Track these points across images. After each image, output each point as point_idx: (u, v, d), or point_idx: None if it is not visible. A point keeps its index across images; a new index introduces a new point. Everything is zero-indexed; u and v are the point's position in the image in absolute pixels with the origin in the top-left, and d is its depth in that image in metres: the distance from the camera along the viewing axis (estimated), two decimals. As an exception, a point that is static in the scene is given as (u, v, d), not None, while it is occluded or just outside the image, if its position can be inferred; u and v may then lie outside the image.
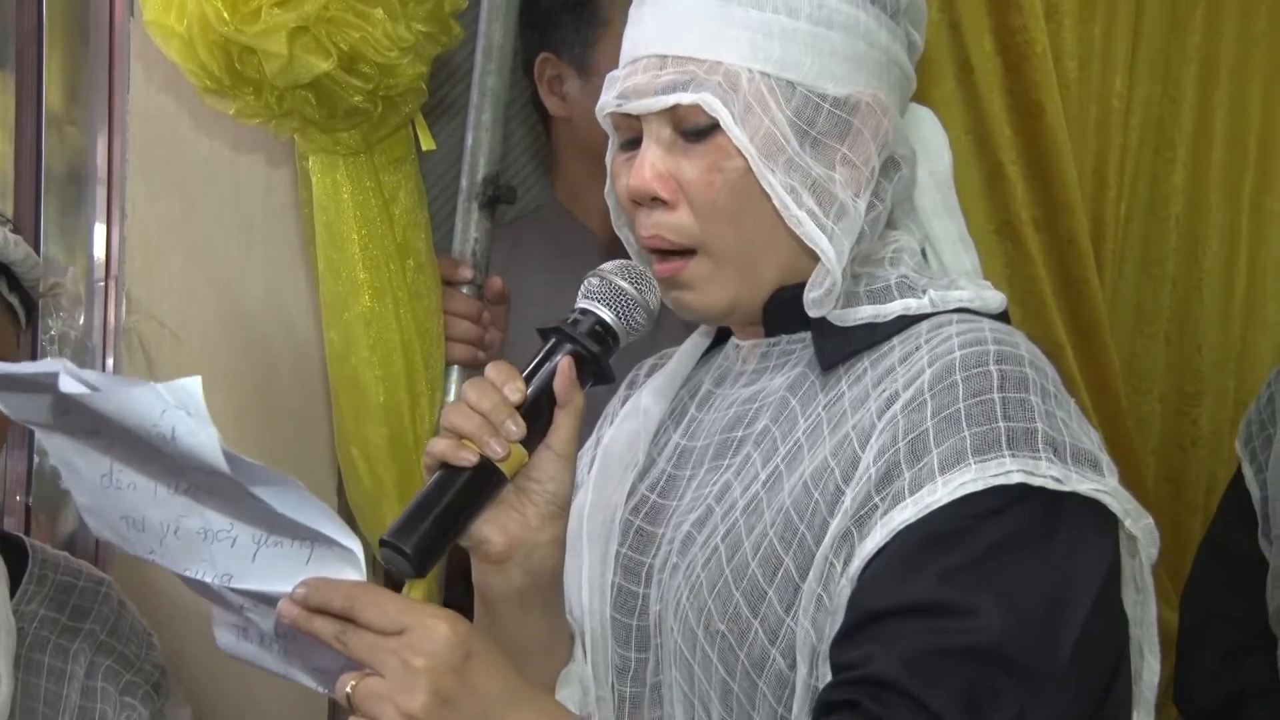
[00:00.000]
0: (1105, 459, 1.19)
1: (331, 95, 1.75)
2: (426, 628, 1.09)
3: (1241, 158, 2.42)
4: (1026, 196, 2.26)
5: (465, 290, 1.99)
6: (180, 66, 1.76)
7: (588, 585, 1.34)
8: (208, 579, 1.18)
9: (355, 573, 1.13)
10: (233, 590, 1.18)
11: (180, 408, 1.08)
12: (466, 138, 1.99)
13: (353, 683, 1.10)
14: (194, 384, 1.08)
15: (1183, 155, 2.41)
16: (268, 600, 1.16)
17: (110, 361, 2.02)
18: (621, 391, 1.50)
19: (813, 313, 1.28)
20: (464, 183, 1.99)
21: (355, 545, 1.13)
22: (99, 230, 2.05)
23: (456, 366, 1.97)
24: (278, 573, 1.15)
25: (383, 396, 1.90)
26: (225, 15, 1.67)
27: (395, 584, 1.99)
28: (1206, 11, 2.39)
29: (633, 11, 1.33)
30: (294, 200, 2.00)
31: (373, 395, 1.90)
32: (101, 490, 1.19)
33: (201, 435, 1.08)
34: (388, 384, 1.90)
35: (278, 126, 1.81)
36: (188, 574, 1.19)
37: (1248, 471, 2.04)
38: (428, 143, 1.90)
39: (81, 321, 2.05)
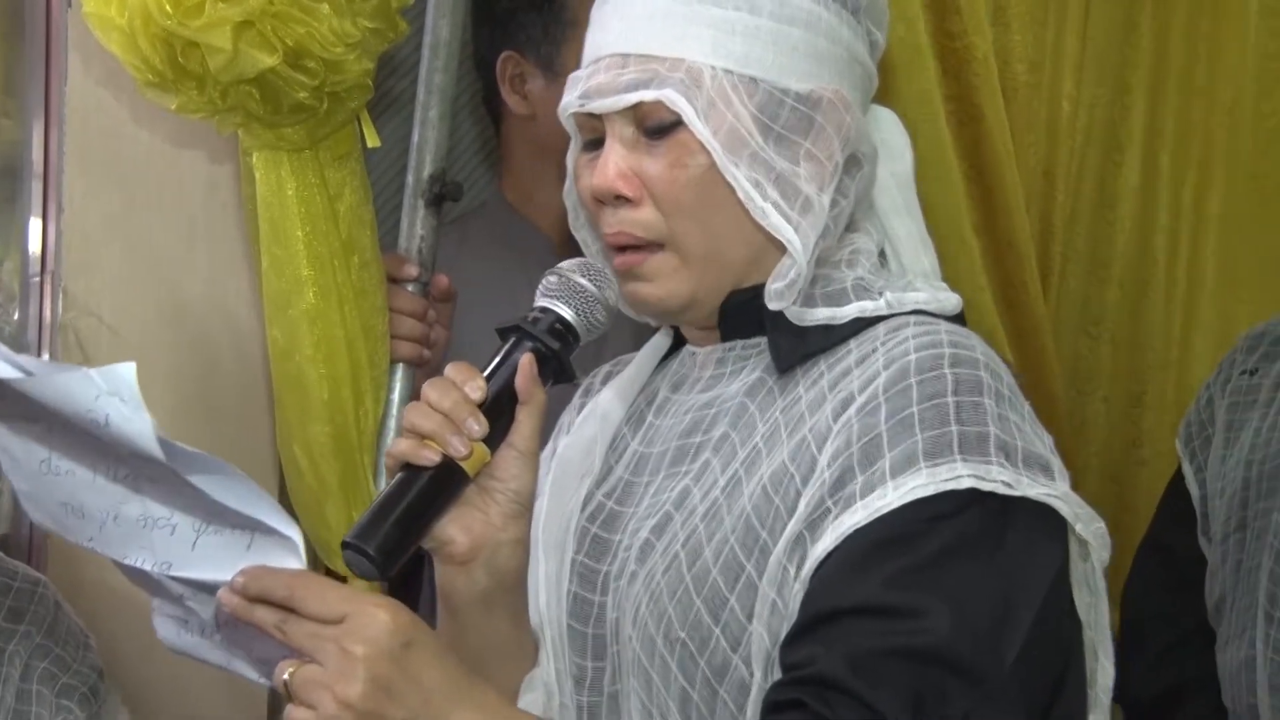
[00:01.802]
0: (1057, 463, 1.20)
1: (276, 91, 1.73)
2: (367, 615, 1.09)
3: (1185, 160, 2.44)
4: (966, 201, 2.27)
5: (410, 288, 1.98)
6: (121, 59, 1.74)
7: (545, 592, 1.33)
8: (147, 566, 1.17)
9: (296, 561, 1.13)
10: (172, 578, 1.17)
11: (114, 394, 1.07)
12: (413, 135, 1.98)
13: (290, 670, 1.09)
14: (128, 369, 1.07)
15: (1131, 158, 2.43)
16: (208, 589, 1.15)
17: (46, 358, 1.99)
18: (576, 400, 1.50)
19: (774, 305, 1.28)
20: (410, 179, 1.98)
21: (295, 534, 1.13)
22: (34, 224, 2.02)
23: (401, 364, 1.96)
24: (218, 561, 1.14)
25: (326, 394, 1.89)
26: (168, 8, 1.65)
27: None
28: (1154, 15, 2.41)
29: (595, 12, 1.34)
30: (236, 196, 1.99)
31: (316, 393, 1.89)
32: (39, 476, 1.17)
33: (136, 422, 1.07)
34: (331, 382, 1.89)
35: (221, 122, 1.80)
36: (127, 561, 1.18)
37: (1187, 471, 2.07)
38: (373, 139, 1.90)
39: (16, 317, 2.03)
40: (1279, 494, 1.91)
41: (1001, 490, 1.15)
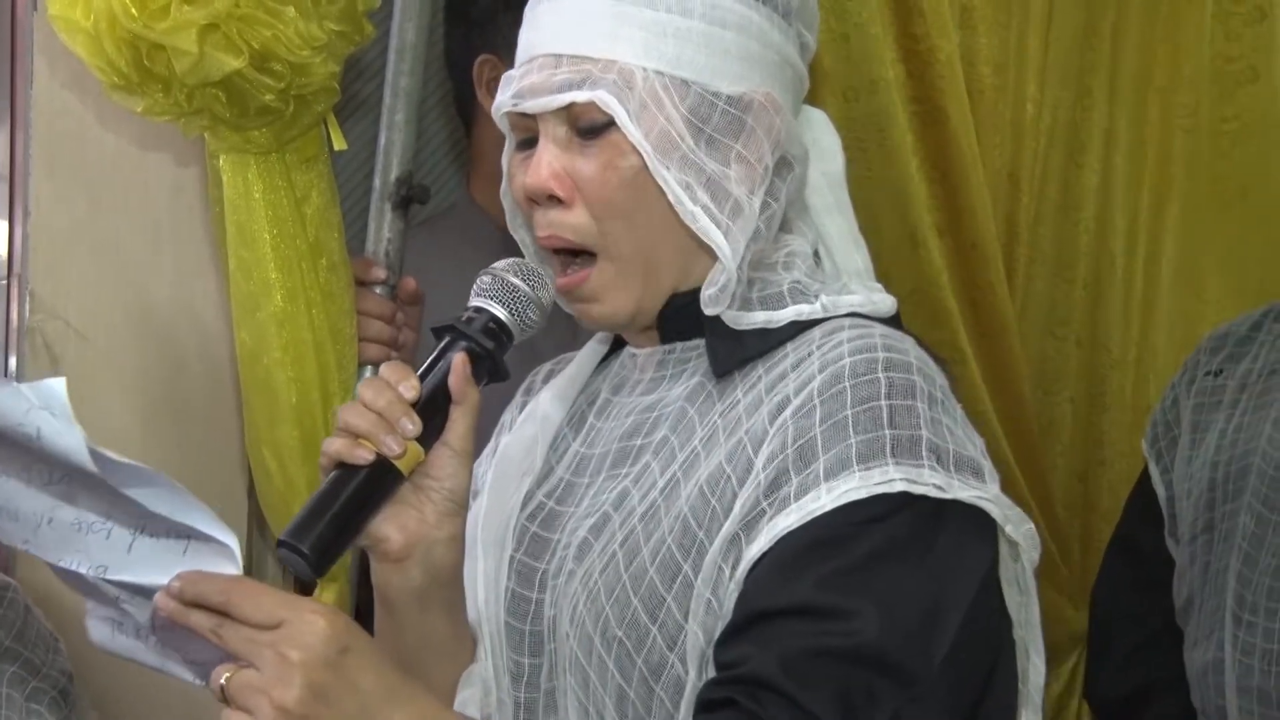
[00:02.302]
0: (988, 465, 1.21)
1: (242, 93, 1.73)
2: (304, 622, 1.09)
3: (1141, 163, 2.46)
4: (930, 202, 2.29)
5: (378, 290, 1.98)
6: (86, 62, 1.74)
7: (484, 589, 1.34)
8: (82, 570, 1.17)
9: (232, 566, 1.13)
10: (108, 581, 1.17)
11: (44, 408, 1.08)
12: (379, 138, 1.98)
13: (227, 675, 1.10)
14: (58, 384, 1.08)
15: (1092, 160, 2.44)
16: (144, 592, 1.15)
17: (13, 361, 1.99)
18: (518, 398, 1.51)
19: (709, 310, 1.29)
20: (377, 182, 1.98)
21: (231, 540, 1.13)
22: (1, 227, 2.01)
23: (370, 367, 1.96)
24: (154, 565, 1.15)
25: (295, 397, 1.89)
26: (134, 11, 1.65)
27: (307, 587, 1.98)
28: (1115, 19, 2.42)
29: (527, 12, 1.35)
30: (203, 199, 1.98)
31: (285, 396, 1.89)
32: None
33: (67, 436, 1.08)
34: (300, 385, 1.89)
35: (187, 124, 1.79)
36: (61, 564, 1.18)
37: (1154, 472, 2.08)
38: (340, 142, 1.90)
39: (-17, 320, 2.02)
40: (1245, 495, 1.92)
41: (933, 493, 1.16)
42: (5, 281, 2.00)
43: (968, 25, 2.32)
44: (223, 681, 1.10)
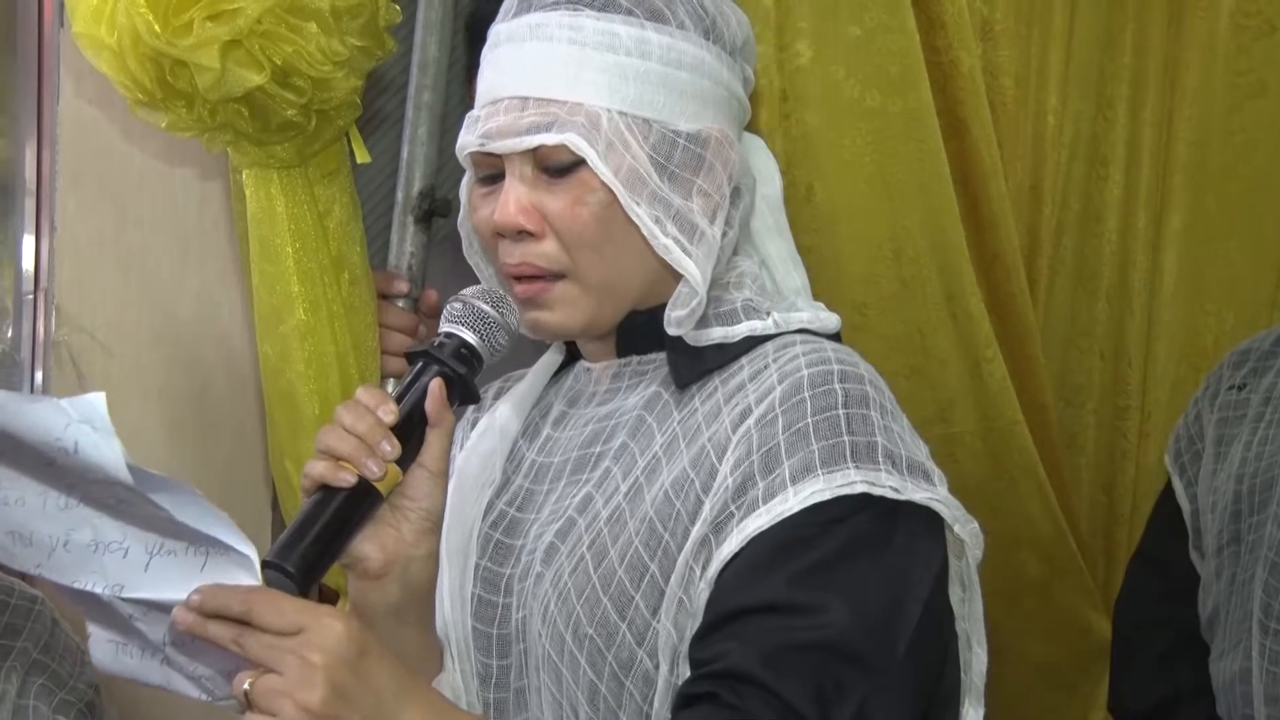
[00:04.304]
0: (935, 470, 1.29)
1: (265, 109, 1.74)
2: (324, 626, 1.13)
3: (1158, 174, 2.45)
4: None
5: (401, 304, 1.99)
6: (111, 79, 1.75)
7: (449, 598, 1.39)
8: (98, 590, 1.19)
9: (250, 578, 1.16)
10: (123, 600, 1.19)
11: (84, 421, 1.10)
12: (402, 152, 1.99)
13: (250, 680, 1.13)
14: (98, 399, 1.10)
15: (1114, 172, 2.43)
16: (161, 608, 1.18)
17: (40, 375, 2.00)
18: (469, 415, 1.55)
19: (673, 331, 1.35)
20: (399, 196, 1.99)
21: (250, 551, 1.16)
22: (28, 242, 2.03)
23: (392, 380, 1.97)
24: (171, 581, 1.17)
25: (318, 410, 1.90)
26: (157, 28, 1.66)
27: (331, 597, 1.99)
28: (1135, 30, 2.42)
29: (486, 53, 1.39)
30: (227, 213, 2.00)
31: (308, 409, 1.90)
32: None
33: (105, 449, 1.10)
34: (323, 397, 1.90)
35: (210, 140, 1.81)
36: (76, 586, 1.20)
37: (1178, 486, 2.07)
38: (362, 156, 1.91)
39: (10, 335, 2.03)
40: (1271, 506, 1.91)
41: (890, 495, 1.24)
42: (32, 296, 2.02)
43: (989, 38, 2.32)
44: (246, 687, 1.13)
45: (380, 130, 2.26)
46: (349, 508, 1.25)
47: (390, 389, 1.96)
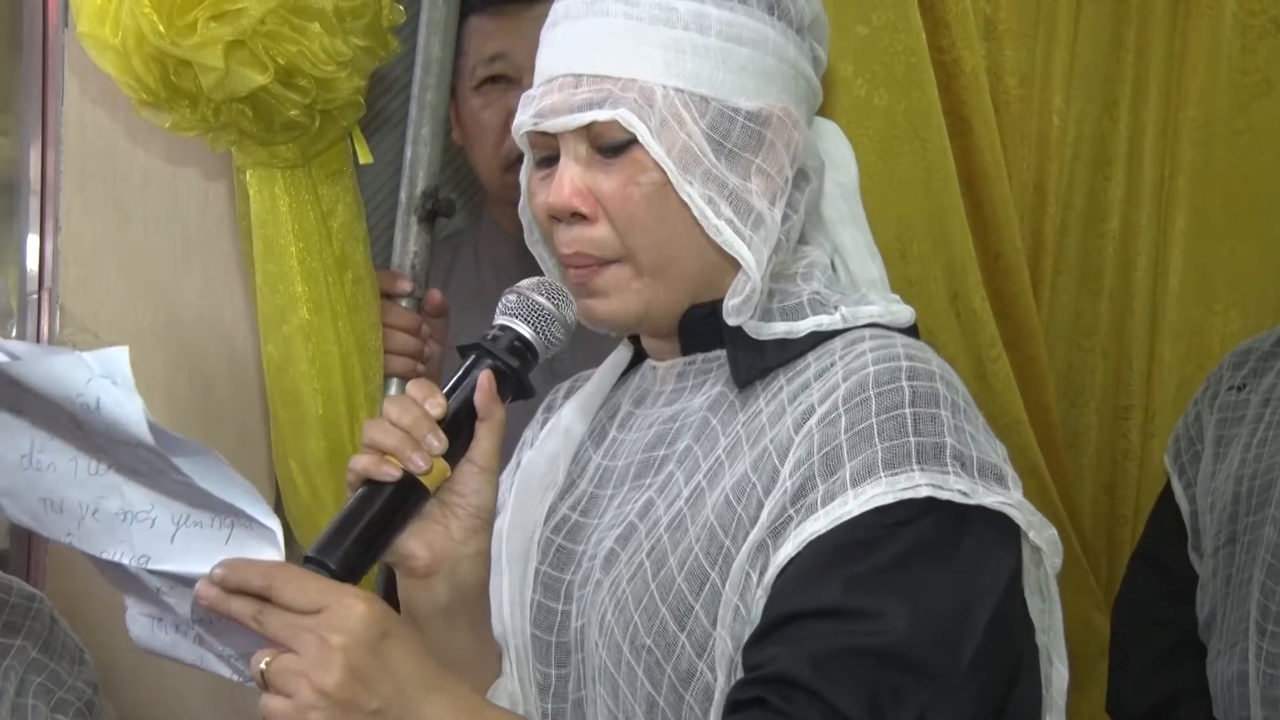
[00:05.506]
0: (1010, 472, 1.23)
1: (269, 109, 1.74)
2: (345, 606, 1.10)
3: (1161, 174, 2.45)
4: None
5: (404, 303, 1.99)
6: (115, 79, 1.75)
7: (509, 603, 1.35)
8: (125, 560, 1.17)
9: (274, 552, 1.13)
10: (150, 572, 1.17)
11: (106, 376, 1.07)
12: (405, 152, 1.99)
13: (267, 659, 1.10)
14: (121, 353, 1.08)
15: (1118, 172, 2.43)
16: (185, 581, 1.15)
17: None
18: (539, 415, 1.51)
19: (731, 321, 1.30)
20: (403, 196, 1.99)
21: (275, 524, 1.13)
22: (32, 242, 2.03)
23: (395, 379, 1.97)
24: (197, 553, 1.15)
25: (321, 409, 1.90)
26: (161, 28, 1.66)
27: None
28: (1140, 30, 2.42)
29: (545, 33, 1.35)
30: (231, 213, 2.00)
31: (311, 408, 1.90)
32: (20, 471, 1.18)
33: (126, 405, 1.07)
34: (326, 397, 1.90)
35: (214, 139, 1.81)
36: (105, 556, 1.18)
37: (1177, 487, 2.07)
38: (365, 156, 1.91)
39: (14, 334, 2.04)
40: (1269, 508, 1.91)
41: (958, 499, 1.18)
42: (36, 295, 2.02)
43: (993, 38, 2.32)
44: (262, 666, 1.10)
45: (384, 130, 2.26)
46: (394, 503, 1.21)
47: (393, 389, 1.97)
